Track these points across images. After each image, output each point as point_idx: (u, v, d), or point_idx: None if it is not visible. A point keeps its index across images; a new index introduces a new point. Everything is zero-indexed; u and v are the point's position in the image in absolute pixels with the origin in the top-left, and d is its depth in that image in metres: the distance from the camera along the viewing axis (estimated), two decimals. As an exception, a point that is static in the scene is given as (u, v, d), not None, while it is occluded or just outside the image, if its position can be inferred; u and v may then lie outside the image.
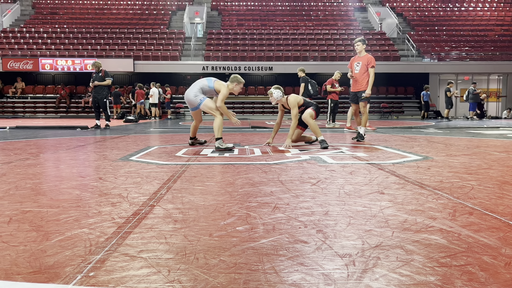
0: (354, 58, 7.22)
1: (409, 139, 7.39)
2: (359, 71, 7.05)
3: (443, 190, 2.80)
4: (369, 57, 7.00)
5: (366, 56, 7.06)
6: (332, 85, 12.67)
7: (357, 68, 7.08)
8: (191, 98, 5.76)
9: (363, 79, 7.03)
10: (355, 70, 7.11)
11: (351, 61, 7.26)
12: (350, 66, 7.29)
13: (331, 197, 2.62)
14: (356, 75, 7.10)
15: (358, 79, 7.08)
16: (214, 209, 2.33)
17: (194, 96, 5.74)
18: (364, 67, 7.00)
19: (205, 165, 4.13)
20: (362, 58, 7.06)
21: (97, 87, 11.15)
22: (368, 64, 6.96)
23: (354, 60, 7.18)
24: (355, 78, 7.16)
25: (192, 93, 5.76)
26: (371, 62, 6.94)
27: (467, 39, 25.60)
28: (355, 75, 7.11)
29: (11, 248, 1.71)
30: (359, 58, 7.11)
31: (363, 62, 7.02)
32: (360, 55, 7.12)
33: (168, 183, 3.10)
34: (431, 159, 4.46)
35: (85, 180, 3.30)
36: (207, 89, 5.78)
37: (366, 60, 7.00)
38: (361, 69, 7.03)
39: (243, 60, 22.84)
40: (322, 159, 4.51)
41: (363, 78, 7.03)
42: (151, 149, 5.63)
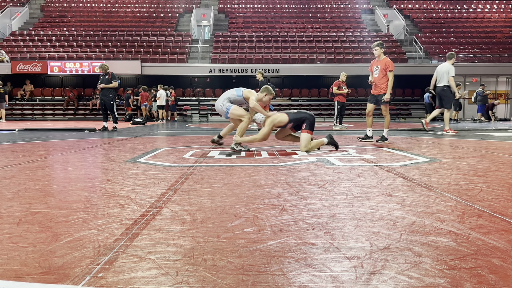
0: (374, 62, 7.34)
1: (417, 141, 7.36)
2: (378, 75, 7.17)
3: (451, 193, 2.78)
4: (387, 61, 7.11)
5: (385, 60, 7.15)
6: (338, 87, 12.66)
7: (376, 72, 7.22)
8: (219, 107, 5.96)
9: (383, 83, 7.15)
10: (375, 74, 7.24)
11: (371, 65, 7.39)
12: (370, 70, 7.43)
13: (338, 199, 2.62)
14: (375, 79, 7.23)
15: (378, 82, 7.20)
16: (222, 210, 2.33)
17: (221, 106, 5.92)
18: (383, 71, 7.11)
19: (213, 167, 4.14)
20: (381, 62, 7.16)
21: (104, 90, 11.22)
22: (387, 68, 7.08)
23: (374, 64, 7.32)
24: (374, 82, 7.27)
25: (219, 103, 5.95)
26: (389, 66, 7.05)
27: (475, 40, 25.45)
28: (375, 79, 7.24)
29: (21, 249, 1.72)
30: (378, 62, 7.22)
31: (381, 66, 7.13)
32: (379, 59, 7.22)
33: (175, 185, 3.10)
34: (439, 161, 4.44)
35: (93, 181, 3.32)
36: (235, 98, 5.92)
37: (384, 64, 7.11)
38: (380, 73, 7.15)
39: (250, 63, 22.86)
40: (329, 161, 4.50)
41: (383, 82, 7.15)
42: (158, 151, 5.65)
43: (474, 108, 21.24)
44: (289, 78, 23.77)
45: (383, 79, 7.13)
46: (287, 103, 23.33)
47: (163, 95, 18.83)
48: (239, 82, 23.91)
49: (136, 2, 30.42)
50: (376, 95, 7.24)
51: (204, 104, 23.01)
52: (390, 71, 7.04)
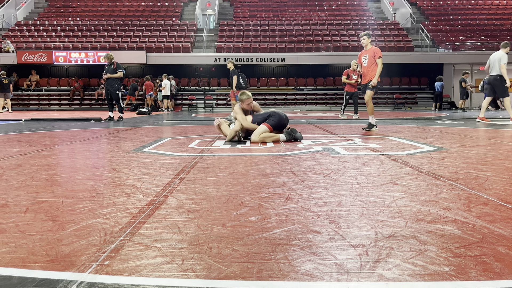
0: (362, 53, 7.32)
1: (423, 130, 7.32)
2: (367, 64, 7.15)
3: (457, 181, 2.78)
4: (375, 49, 7.10)
5: (372, 48, 7.15)
6: (348, 76, 12.23)
7: (365, 61, 7.19)
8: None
9: (372, 71, 7.12)
10: (364, 64, 7.22)
11: (359, 56, 7.36)
12: (359, 61, 7.41)
13: (344, 188, 2.62)
14: (364, 68, 7.21)
15: (367, 71, 7.18)
16: (227, 199, 2.34)
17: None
18: (372, 59, 7.09)
19: (218, 156, 4.14)
20: (369, 51, 7.15)
21: (110, 79, 11.23)
22: (375, 55, 7.05)
23: (362, 54, 7.29)
24: (363, 72, 7.26)
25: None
26: (378, 53, 7.04)
27: (482, 28, 25.16)
28: (364, 68, 7.21)
29: (28, 237, 1.74)
30: (366, 51, 7.21)
31: (370, 54, 7.11)
32: (366, 48, 7.22)
33: (181, 174, 3.11)
34: (445, 150, 4.42)
35: (99, 171, 3.34)
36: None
37: (372, 52, 7.09)
38: (369, 61, 7.13)
39: (255, 52, 22.76)
40: (335, 150, 4.50)
41: (372, 70, 7.12)
42: (164, 141, 5.67)
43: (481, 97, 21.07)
44: (295, 67, 23.65)
45: (372, 66, 7.10)
46: (293, 92, 23.26)
47: (168, 84, 18.81)
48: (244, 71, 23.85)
49: (140, -9, 30.28)
50: (366, 84, 7.22)
51: (209, 93, 22.99)
52: (379, 58, 7.02)
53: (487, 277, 1.33)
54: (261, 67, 24.00)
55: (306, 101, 22.89)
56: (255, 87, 23.60)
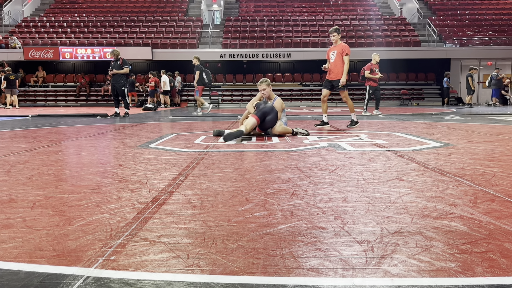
0: (330, 48, 7.22)
1: (430, 125, 7.29)
2: (335, 60, 7.05)
3: (464, 177, 2.76)
4: (343, 45, 7.02)
5: (341, 44, 7.06)
6: (371, 70, 11.62)
7: (332, 57, 7.09)
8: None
9: (339, 68, 7.03)
10: (331, 60, 7.12)
11: (328, 51, 7.26)
12: (327, 57, 7.29)
13: (349, 184, 2.61)
14: (331, 64, 7.10)
15: (334, 68, 7.08)
16: (232, 195, 2.34)
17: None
18: (339, 55, 7.00)
19: (223, 152, 4.15)
20: (337, 47, 7.06)
21: (116, 76, 11.26)
22: (343, 52, 6.97)
23: (330, 50, 7.20)
24: (330, 68, 7.13)
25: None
26: (345, 50, 6.96)
27: (490, 23, 24.94)
28: (331, 64, 7.11)
29: (35, 232, 1.75)
30: (335, 47, 7.12)
31: (338, 50, 7.02)
32: (335, 44, 7.12)
33: (186, 170, 3.12)
34: (451, 146, 4.40)
35: (105, 166, 3.35)
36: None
37: (340, 48, 7.01)
38: (336, 57, 7.03)
39: (261, 47, 22.71)
40: (340, 146, 4.49)
41: (339, 67, 7.02)
42: (170, 137, 5.68)
43: (489, 92, 20.92)
44: (301, 63, 23.57)
45: (339, 64, 7.01)
46: (298, 88, 23.21)
47: (167, 80, 18.72)
48: (250, 67, 23.84)
49: (146, -13, 30.29)
50: (332, 80, 7.13)
51: (215, 89, 22.99)
52: (346, 55, 6.94)
53: (493, 273, 1.32)
54: (267, 63, 23.95)
55: (312, 97, 22.83)
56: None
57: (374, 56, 11.70)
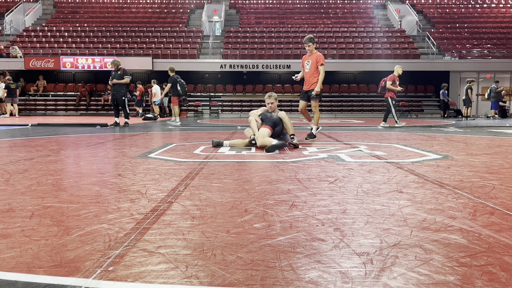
0: (305, 57, 7.20)
1: (429, 138, 7.29)
2: (310, 70, 7.03)
3: (463, 190, 2.76)
4: (318, 55, 6.99)
5: (316, 54, 7.04)
6: (393, 82, 11.23)
7: (307, 66, 7.08)
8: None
9: (314, 78, 7.01)
10: (306, 69, 7.11)
11: (302, 60, 7.24)
12: (302, 65, 7.27)
13: (349, 195, 2.61)
14: (306, 74, 7.10)
15: (309, 78, 7.06)
16: (232, 206, 2.33)
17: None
18: (314, 65, 6.98)
19: (223, 162, 4.14)
20: (312, 57, 7.03)
21: (116, 85, 11.30)
22: (318, 62, 6.96)
23: (305, 59, 7.17)
24: (305, 78, 7.12)
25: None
26: (320, 60, 6.94)
27: (489, 36, 25.10)
28: (306, 74, 7.10)
29: (33, 242, 1.74)
30: (309, 57, 7.09)
31: (312, 60, 7.00)
32: (310, 53, 7.10)
33: (186, 180, 3.12)
34: (451, 158, 4.40)
35: (104, 176, 3.35)
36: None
37: (315, 58, 6.98)
38: (311, 67, 7.01)
39: (261, 58, 22.82)
40: (340, 157, 4.49)
41: (314, 76, 7.01)
42: (169, 147, 5.68)
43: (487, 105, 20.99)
44: (300, 74, 23.65)
45: (314, 73, 6.99)
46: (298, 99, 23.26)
47: (158, 90, 18.58)
48: (250, 78, 23.92)
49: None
50: (307, 91, 7.11)
51: (215, 100, 23.04)
52: (321, 65, 6.93)
53: (493, 287, 1.32)
54: (267, 74, 24.05)
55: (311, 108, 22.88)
56: (260, 93, 23.62)
57: (397, 68, 11.31)
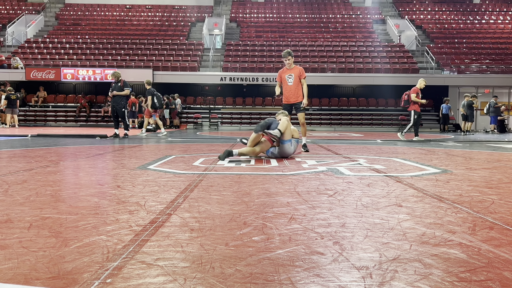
0: (284, 71, 7.27)
1: (428, 152, 7.30)
2: (294, 83, 7.16)
3: (462, 204, 2.76)
4: (300, 69, 7.18)
5: (297, 68, 7.20)
6: (417, 94, 11.21)
7: (289, 80, 7.18)
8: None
9: (298, 90, 7.17)
10: (288, 83, 7.19)
11: (281, 74, 7.30)
12: (279, 79, 7.33)
13: (348, 209, 2.60)
14: (290, 87, 7.18)
15: (294, 91, 7.18)
16: (231, 218, 2.33)
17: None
18: (297, 78, 7.14)
19: (222, 174, 4.14)
20: (293, 71, 7.17)
21: (116, 97, 11.34)
22: (301, 75, 7.13)
23: (284, 73, 7.24)
24: (288, 92, 7.20)
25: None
26: (303, 73, 7.13)
27: (487, 51, 25.29)
28: (289, 87, 7.19)
29: (31, 253, 1.73)
30: (290, 70, 7.20)
31: (295, 74, 7.14)
32: (289, 67, 7.21)
33: (185, 192, 3.11)
34: (450, 173, 4.40)
35: (103, 188, 3.34)
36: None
37: (298, 72, 7.15)
38: (294, 80, 7.15)
39: (261, 71, 22.95)
40: (339, 170, 4.49)
41: (299, 89, 7.17)
42: (168, 158, 5.68)
43: (486, 119, 21.06)
44: (300, 88, 23.75)
45: (298, 86, 7.15)
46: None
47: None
48: (250, 90, 24.01)
49: (149, 11, 30.78)
50: (293, 104, 7.22)
51: (214, 112, 23.10)
52: (304, 79, 7.13)
53: (493, 302, 1.31)
54: (266, 87, 24.15)
55: (311, 121, 22.95)
56: (260, 106, 23.72)
57: (421, 81, 11.30)
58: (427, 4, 32.29)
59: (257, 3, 32.26)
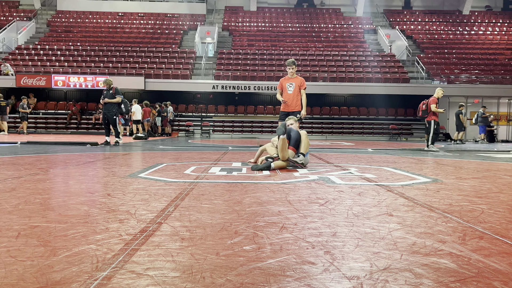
0: (285, 79, 7.40)
1: (418, 161, 7.34)
2: (293, 92, 7.26)
3: (452, 213, 2.77)
4: (301, 79, 7.30)
5: (298, 77, 7.32)
6: (436, 104, 11.20)
7: (290, 88, 7.29)
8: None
9: (297, 100, 7.28)
10: (288, 91, 7.30)
11: (282, 82, 7.43)
12: (280, 87, 7.46)
13: (339, 218, 2.60)
14: (290, 96, 7.28)
15: (293, 99, 7.28)
16: (221, 227, 2.32)
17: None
18: (297, 88, 7.25)
19: (213, 183, 4.13)
20: (295, 80, 7.29)
21: (107, 104, 11.31)
22: (302, 85, 7.24)
23: (286, 81, 7.37)
24: (289, 99, 7.30)
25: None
26: (304, 84, 7.25)
27: (477, 62, 25.61)
28: (289, 95, 7.29)
29: (19, 263, 1.71)
30: (291, 79, 7.32)
31: (296, 83, 7.26)
32: (291, 76, 7.34)
33: (176, 201, 3.10)
34: (440, 182, 4.42)
35: (93, 196, 3.31)
36: None
37: (300, 82, 7.27)
38: (294, 89, 7.26)
39: (253, 80, 23.01)
40: (330, 179, 4.49)
41: (298, 99, 7.28)
42: (159, 166, 5.65)
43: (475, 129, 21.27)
44: (292, 96, 23.86)
45: (298, 96, 7.26)
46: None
47: (138, 110, 18.63)
48: (242, 99, 24.05)
49: (141, 19, 30.79)
50: (290, 112, 7.27)
51: (206, 120, 23.10)
52: (305, 89, 7.24)
53: (483, 312, 1.31)
54: (258, 95, 24.22)
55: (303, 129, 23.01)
56: (252, 114, 23.74)
57: (438, 91, 11.37)
58: (418, 15, 32.67)
59: (250, 12, 32.42)
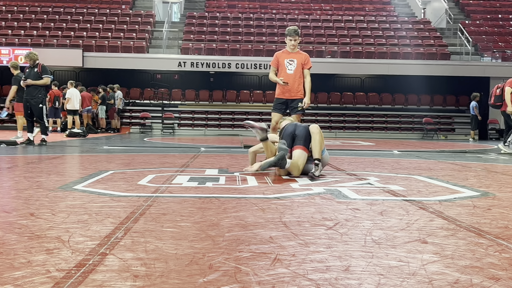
0: (284, 54, 7.19)
1: (462, 167, 7.41)
2: (294, 72, 7.04)
3: (509, 240, 2.80)
4: (306, 55, 7.12)
5: (302, 53, 7.18)
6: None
7: (290, 67, 7.05)
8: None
9: (300, 83, 7.07)
10: (288, 70, 7.06)
11: (278, 57, 7.19)
12: (275, 64, 7.22)
13: (353, 246, 2.61)
14: (289, 77, 7.04)
15: (293, 82, 7.05)
16: (191, 260, 2.31)
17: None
18: (300, 67, 7.04)
19: (179, 198, 4.12)
20: (297, 56, 7.11)
21: (31, 88, 11.14)
22: (306, 64, 7.05)
23: (284, 57, 7.14)
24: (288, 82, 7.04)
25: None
26: (309, 62, 7.06)
27: (542, 32, 25.87)
28: (288, 76, 7.04)
29: None
30: (292, 54, 7.11)
31: (298, 60, 7.04)
32: (293, 51, 7.12)
33: (126, 223, 3.08)
34: (492, 196, 4.47)
35: (10, 216, 3.28)
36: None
37: (304, 59, 7.08)
38: (296, 68, 7.04)
39: (234, 55, 22.96)
40: (341, 192, 4.51)
41: (300, 82, 7.07)
42: (104, 175, 5.63)
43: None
44: (288, 77, 23.91)
45: (300, 78, 7.05)
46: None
47: (74, 95, 18.36)
48: (219, 81, 24.01)
49: (78, -32, 30.58)
50: (288, 100, 7.14)
51: (169, 110, 23.01)
52: (309, 69, 7.07)
53: None
54: (242, 76, 24.20)
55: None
56: (233, 102, 23.74)
57: None
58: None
59: (230, -40, 32.46)
